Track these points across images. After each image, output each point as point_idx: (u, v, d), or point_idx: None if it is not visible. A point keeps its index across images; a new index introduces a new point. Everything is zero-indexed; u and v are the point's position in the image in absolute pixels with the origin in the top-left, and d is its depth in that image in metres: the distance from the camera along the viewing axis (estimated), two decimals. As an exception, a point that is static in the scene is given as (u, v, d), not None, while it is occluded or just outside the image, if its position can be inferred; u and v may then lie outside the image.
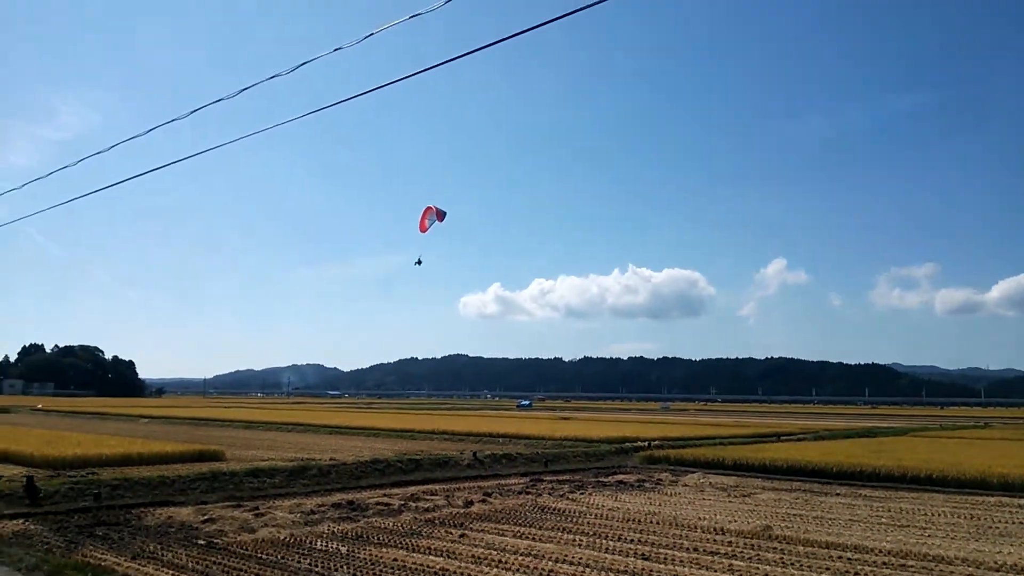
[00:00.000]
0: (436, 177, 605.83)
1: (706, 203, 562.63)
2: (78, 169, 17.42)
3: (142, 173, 16.07)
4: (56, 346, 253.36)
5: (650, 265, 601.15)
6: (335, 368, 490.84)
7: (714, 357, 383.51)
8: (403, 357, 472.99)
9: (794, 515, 20.77)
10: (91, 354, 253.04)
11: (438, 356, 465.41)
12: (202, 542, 16.41)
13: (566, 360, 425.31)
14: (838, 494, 25.44)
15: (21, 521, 18.60)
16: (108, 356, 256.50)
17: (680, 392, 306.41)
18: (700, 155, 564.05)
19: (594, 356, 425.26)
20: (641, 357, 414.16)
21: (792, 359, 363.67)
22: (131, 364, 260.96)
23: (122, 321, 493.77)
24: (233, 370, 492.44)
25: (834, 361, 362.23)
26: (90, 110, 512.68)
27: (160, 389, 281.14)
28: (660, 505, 22.74)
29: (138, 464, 28.96)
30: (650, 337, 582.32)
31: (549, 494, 24.77)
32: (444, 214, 28.82)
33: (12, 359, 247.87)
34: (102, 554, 15.16)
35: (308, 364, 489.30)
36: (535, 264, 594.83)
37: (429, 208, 28.48)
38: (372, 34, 10.32)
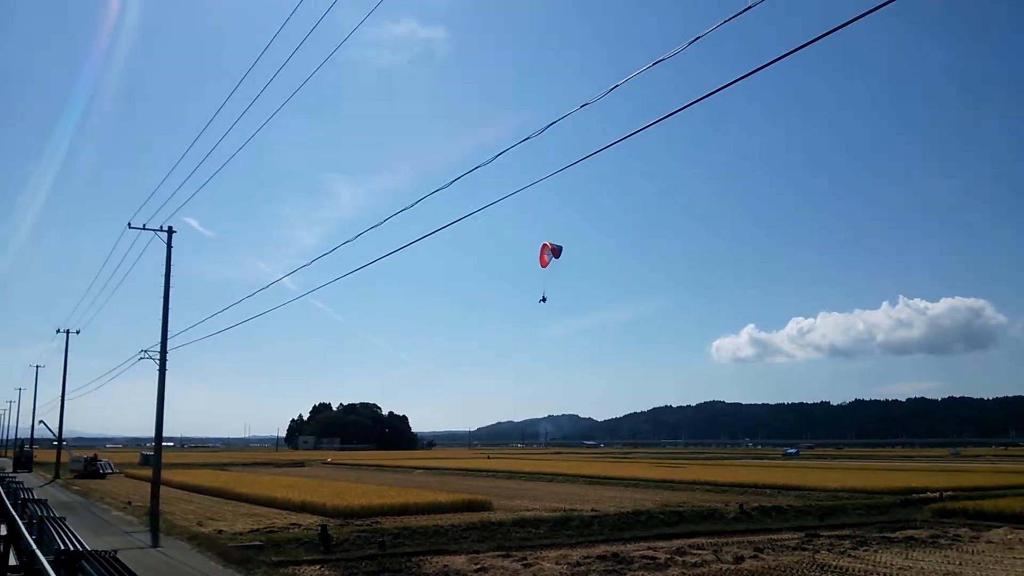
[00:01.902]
0: (676, 220, 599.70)
1: (987, 220, 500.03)
2: (356, 244, 19.17)
3: (409, 243, 17.35)
4: (341, 404, 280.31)
5: (924, 295, 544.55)
6: (589, 418, 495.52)
7: (1012, 395, 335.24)
8: (657, 405, 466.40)
9: None
10: (370, 411, 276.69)
11: (693, 404, 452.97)
12: (475, 591, 16.92)
13: (834, 404, 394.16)
14: None
15: (318, 567, 20.43)
16: (385, 412, 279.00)
17: (972, 436, 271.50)
18: (973, 165, 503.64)
19: (867, 398, 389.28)
20: (922, 398, 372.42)
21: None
22: (404, 419, 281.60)
23: (397, 380, 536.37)
24: (495, 422, 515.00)
25: None
26: (362, 190, 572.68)
27: (431, 442, 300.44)
28: (961, 564, 20.01)
29: (415, 513, 30.89)
30: (931, 375, 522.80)
31: (828, 550, 22.77)
32: (560, 249, 28.92)
33: (305, 417, 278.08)
34: (387, 599, 16.10)
35: (564, 415, 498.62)
36: (791, 302, 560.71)
37: (545, 244, 28.69)
38: (616, 86, 10.37)
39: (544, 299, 29.07)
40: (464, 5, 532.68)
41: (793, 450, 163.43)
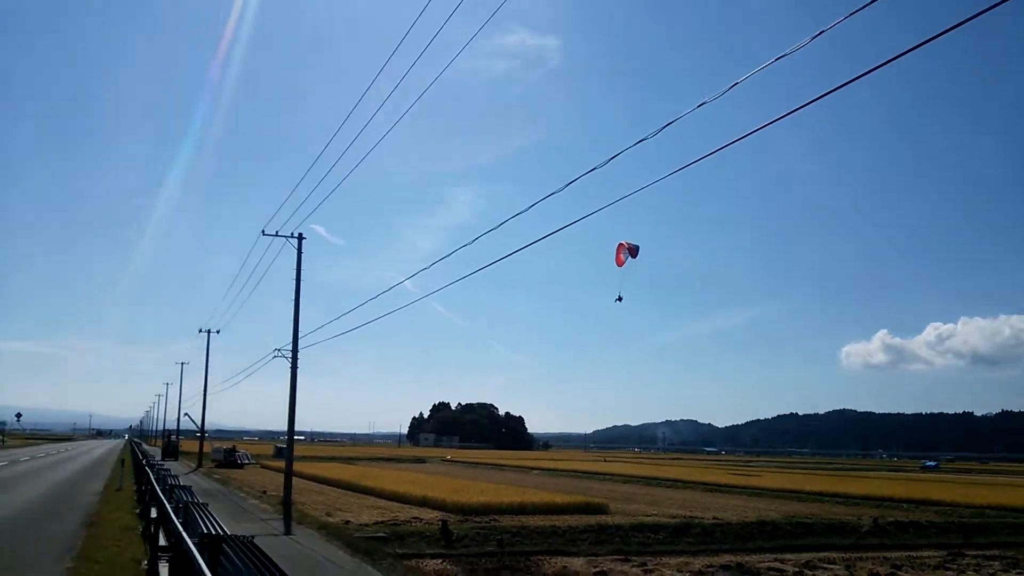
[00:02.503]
0: (803, 220, 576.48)
1: None
2: (472, 248, 19.27)
3: (523, 247, 17.28)
4: (459, 404, 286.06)
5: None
6: (709, 424, 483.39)
7: None
8: (781, 412, 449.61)
9: None
10: (488, 411, 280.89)
11: (820, 412, 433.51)
12: (595, 594, 16.75)
13: (978, 415, 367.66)
14: None
15: (439, 561, 20.80)
16: (501, 412, 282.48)
17: None
18: None
19: (1016, 410, 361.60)
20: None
21: None
22: (521, 419, 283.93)
23: (513, 381, 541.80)
24: (611, 425, 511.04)
25: None
26: (477, 195, 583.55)
27: (546, 443, 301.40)
28: None
29: (531, 513, 30.95)
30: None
31: (975, 571, 21.24)
32: (637, 248, 27.76)
33: (426, 415, 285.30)
34: (507, 597, 16.17)
35: (682, 420, 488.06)
36: (927, 306, 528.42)
37: (621, 244, 27.64)
38: (736, 84, 9.96)
39: (620, 298, 28.53)
40: (571, 15, 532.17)
41: (933, 463, 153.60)
